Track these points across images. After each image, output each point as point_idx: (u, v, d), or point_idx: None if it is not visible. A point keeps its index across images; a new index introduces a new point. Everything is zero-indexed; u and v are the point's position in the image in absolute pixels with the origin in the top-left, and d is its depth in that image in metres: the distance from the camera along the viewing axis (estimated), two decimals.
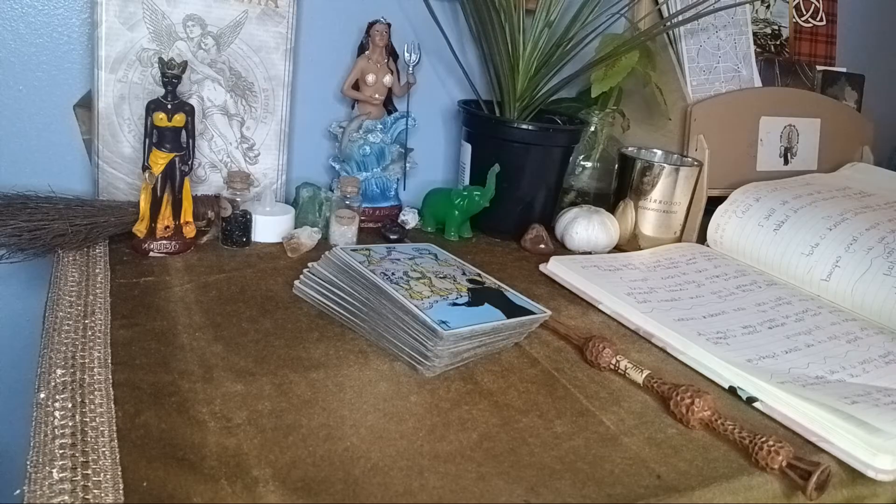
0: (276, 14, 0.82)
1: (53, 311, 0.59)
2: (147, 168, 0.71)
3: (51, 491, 0.39)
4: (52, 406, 0.46)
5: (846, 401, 0.56)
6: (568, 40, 0.87)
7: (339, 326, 0.63)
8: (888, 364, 0.66)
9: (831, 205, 0.87)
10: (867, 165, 1.06)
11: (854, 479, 0.51)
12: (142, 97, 0.76)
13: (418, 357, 0.57)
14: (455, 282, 0.65)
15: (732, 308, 0.74)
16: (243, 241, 0.78)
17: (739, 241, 0.88)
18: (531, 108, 0.92)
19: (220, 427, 0.47)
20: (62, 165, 0.82)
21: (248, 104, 0.83)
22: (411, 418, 0.51)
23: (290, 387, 0.53)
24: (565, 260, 0.80)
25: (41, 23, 0.78)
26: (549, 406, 0.55)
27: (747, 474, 0.50)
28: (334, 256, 0.64)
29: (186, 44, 0.79)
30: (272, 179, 0.87)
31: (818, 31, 1.18)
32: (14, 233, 0.67)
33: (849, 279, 0.77)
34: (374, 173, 0.90)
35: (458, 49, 0.94)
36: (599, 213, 0.89)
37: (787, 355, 0.65)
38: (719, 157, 0.94)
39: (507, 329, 0.61)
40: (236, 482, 0.42)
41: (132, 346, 0.55)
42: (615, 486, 0.47)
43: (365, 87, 0.88)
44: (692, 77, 0.97)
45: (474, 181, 0.90)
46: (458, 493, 0.44)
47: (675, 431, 0.54)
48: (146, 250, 0.72)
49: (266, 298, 0.66)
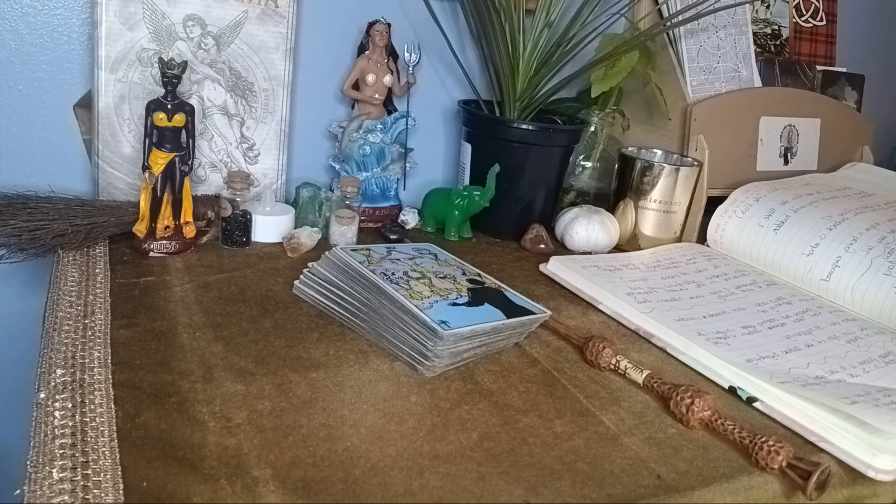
0: (276, 14, 0.82)
1: (53, 311, 0.59)
2: (147, 168, 0.71)
3: (51, 491, 0.39)
4: (52, 406, 0.46)
5: (846, 401, 0.56)
6: (568, 40, 0.87)
7: (339, 326, 0.63)
8: (888, 364, 0.66)
9: (831, 205, 0.87)
10: (867, 165, 1.06)
11: (854, 479, 0.51)
12: (142, 97, 0.76)
13: (418, 357, 0.57)
14: (455, 282, 0.65)
15: (732, 308, 0.74)
16: (243, 241, 0.78)
17: (739, 241, 0.88)
18: (531, 108, 0.92)
19: (220, 427, 0.47)
20: (62, 165, 0.82)
21: (248, 104, 0.83)
22: (411, 418, 0.51)
23: (290, 387, 0.53)
24: (565, 260, 0.80)
25: (41, 23, 0.78)
26: (549, 406, 0.55)
27: (747, 474, 0.50)
28: (334, 256, 0.64)
29: (186, 44, 0.79)
30: (272, 179, 0.87)
31: (818, 31, 1.18)
32: (14, 233, 0.67)
33: (849, 279, 0.77)
34: (374, 173, 0.90)
35: (458, 49, 0.94)
36: (599, 213, 0.89)
37: (787, 355, 0.65)
38: (719, 157, 0.94)
39: (507, 329, 0.61)
40: (236, 482, 0.42)
41: (132, 346, 0.55)
42: (615, 486, 0.47)
43: (365, 87, 0.88)
44: (692, 77, 0.97)
45: (474, 181, 0.90)
46: (458, 493, 0.44)
47: (675, 431, 0.54)
48: (146, 250, 0.72)
49: (266, 298, 0.66)
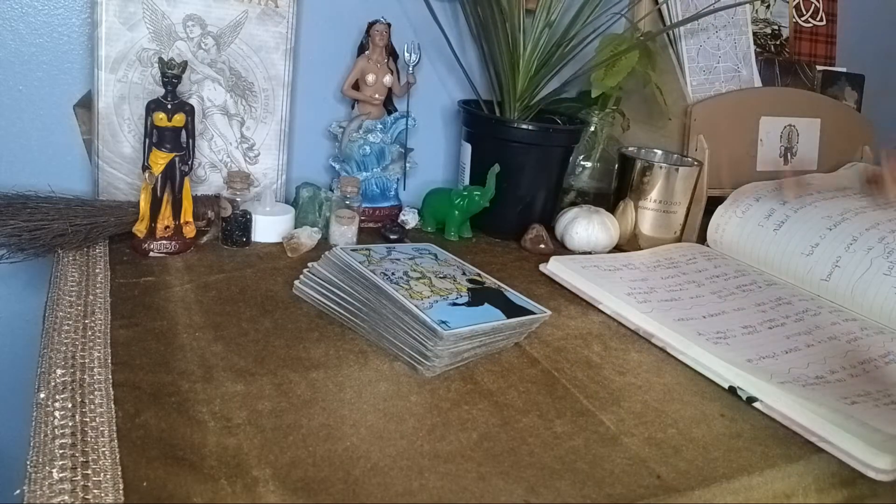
0: (276, 14, 0.82)
1: (53, 311, 0.59)
2: (147, 168, 0.71)
3: (51, 491, 0.39)
4: (52, 406, 0.46)
5: (846, 401, 0.56)
6: (568, 40, 0.87)
7: (339, 326, 0.63)
8: (888, 364, 0.66)
9: (831, 205, 0.87)
10: (867, 165, 1.06)
11: (854, 479, 0.51)
12: (142, 97, 0.76)
13: (418, 357, 0.57)
14: (455, 282, 0.65)
15: (732, 308, 0.74)
16: (243, 241, 0.78)
17: (739, 241, 0.88)
18: (531, 108, 0.92)
19: (220, 427, 0.47)
20: (62, 165, 0.82)
21: (248, 104, 0.83)
22: (411, 418, 0.51)
23: (290, 387, 0.53)
24: (565, 260, 0.80)
25: (41, 23, 0.78)
26: (549, 406, 0.55)
27: (747, 474, 0.50)
28: (334, 256, 0.64)
29: (186, 44, 0.79)
30: (272, 179, 0.87)
31: (818, 31, 1.18)
32: (14, 233, 0.67)
33: (849, 279, 0.77)
34: (374, 173, 0.90)
35: (458, 49, 0.94)
36: (599, 213, 0.89)
37: (787, 355, 0.65)
38: (719, 157, 0.94)
39: (507, 329, 0.61)
40: (236, 482, 0.42)
41: (132, 346, 0.55)
42: (615, 486, 0.47)
43: (365, 87, 0.88)
44: (692, 77, 0.97)
45: (474, 181, 0.90)
46: (458, 493, 0.44)
47: (675, 431, 0.54)
48: (146, 250, 0.72)
49: (266, 298, 0.66)
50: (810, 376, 0.61)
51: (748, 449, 0.53)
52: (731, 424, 0.56)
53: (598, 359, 0.63)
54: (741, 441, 0.53)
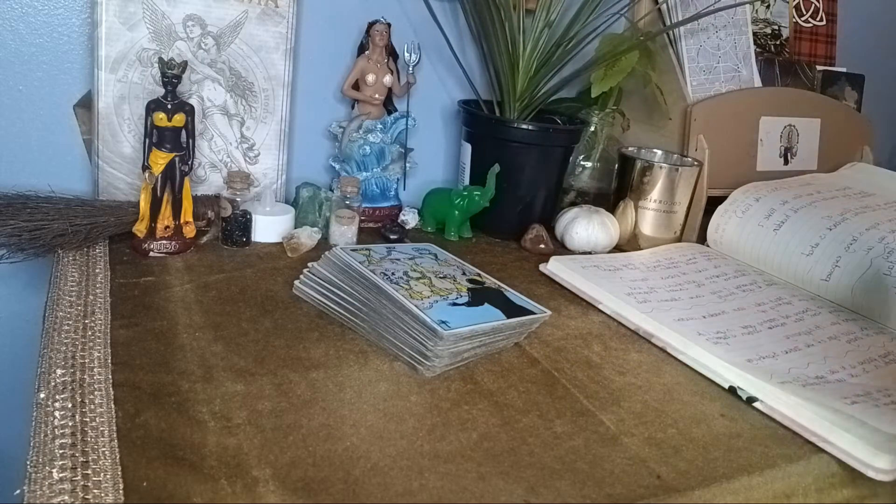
0: (276, 14, 0.82)
1: (53, 311, 0.59)
2: (147, 168, 0.71)
3: (51, 491, 0.39)
4: (52, 406, 0.46)
5: (846, 401, 0.56)
6: (568, 40, 0.87)
7: (339, 326, 0.63)
8: (888, 364, 0.66)
9: (831, 205, 0.87)
10: (867, 165, 1.06)
11: (854, 479, 0.51)
12: (142, 97, 0.76)
13: (418, 357, 0.57)
14: (455, 282, 0.65)
15: (732, 308, 0.74)
16: (243, 241, 0.78)
17: (739, 241, 0.88)
18: (531, 108, 0.92)
19: (220, 427, 0.47)
20: (62, 165, 0.82)
21: (248, 104, 0.83)
22: (411, 418, 0.51)
23: (290, 387, 0.53)
24: (565, 260, 0.80)
25: (41, 23, 0.78)
26: (549, 406, 0.55)
27: (747, 474, 0.50)
28: (334, 256, 0.64)
29: (186, 44, 0.79)
30: (272, 179, 0.87)
31: (818, 31, 1.18)
32: (14, 233, 0.67)
33: (849, 279, 0.77)
34: (374, 173, 0.90)
35: (458, 49, 0.94)
36: (599, 213, 0.89)
37: (787, 355, 0.65)
38: (719, 157, 0.94)
39: (507, 329, 0.61)
40: (236, 482, 0.42)
41: (132, 346, 0.55)
42: (615, 486, 0.47)
43: (365, 87, 0.88)
44: (692, 77, 0.97)
45: (474, 181, 0.90)
46: (458, 493, 0.44)
47: (675, 431, 0.54)
48: (146, 250, 0.72)
49: (266, 298, 0.66)
50: (810, 376, 0.61)
51: (748, 449, 0.53)
52: (731, 424, 0.56)
53: (598, 359, 0.63)
54: (741, 441, 0.53)
